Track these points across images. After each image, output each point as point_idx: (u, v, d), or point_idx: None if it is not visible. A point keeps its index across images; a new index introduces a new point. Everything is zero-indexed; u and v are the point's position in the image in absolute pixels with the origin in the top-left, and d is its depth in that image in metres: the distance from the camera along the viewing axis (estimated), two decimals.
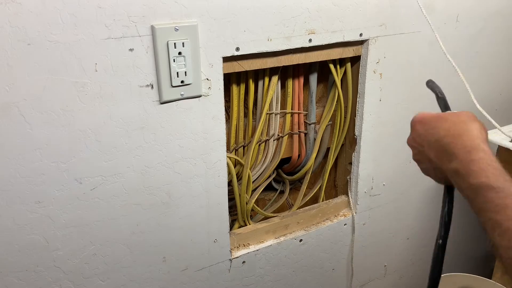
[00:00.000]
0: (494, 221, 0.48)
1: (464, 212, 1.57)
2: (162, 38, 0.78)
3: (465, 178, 0.52)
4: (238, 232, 1.08)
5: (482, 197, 0.50)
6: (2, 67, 0.68)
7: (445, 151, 0.56)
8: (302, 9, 0.91)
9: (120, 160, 0.83)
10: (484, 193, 0.50)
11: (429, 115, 0.61)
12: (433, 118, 0.60)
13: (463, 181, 0.53)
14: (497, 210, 0.48)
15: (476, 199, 0.51)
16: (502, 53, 1.33)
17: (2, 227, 0.77)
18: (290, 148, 1.14)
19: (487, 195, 0.49)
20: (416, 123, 0.62)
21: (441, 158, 0.57)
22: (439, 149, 0.57)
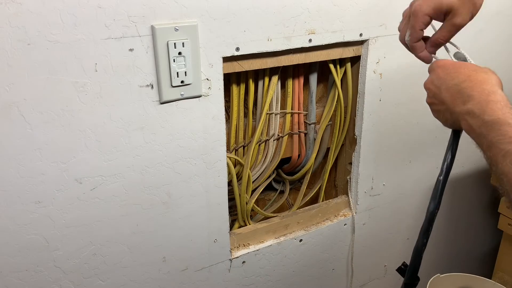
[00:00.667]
0: (507, 151, 0.51)
1: (464, 212, 1.57)
2: (162, 38, 0.78)
3: (480, 116, 0.56)
4: (238, 232, 1.08)
5: (496, 131, 0.53)
6: (2, 67, 0.68)
7: (461, 94, 0.60)
8: (302, 9, 0.91)
9: (120, 160, 0.83)
10: (498, 127, 0.53)
11: (451, 62, 0.66)
12: (455, 64, 0.65)
13: (477, 119, 0.56)
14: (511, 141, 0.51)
15: (489, 134, 0.54)
16: (502, 53, 1.32)
17: (2, 227, 0.77)
18: (290, 148, 1.14)
19: (502, 129, 0.52)
20: (438, 67, 0.66)
21: (456, 100, 0.60)
22: (456, 92, 0.61)
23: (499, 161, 0.52)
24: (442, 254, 1.55)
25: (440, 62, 0.67)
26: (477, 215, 1.58)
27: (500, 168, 0.51)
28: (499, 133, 0.53)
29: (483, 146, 0.56)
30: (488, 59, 1.30)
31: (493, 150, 0.53)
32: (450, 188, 1.43)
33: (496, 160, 0.52)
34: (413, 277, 0.77)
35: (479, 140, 0.57)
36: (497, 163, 0.52)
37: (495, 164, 0.53)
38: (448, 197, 1.45)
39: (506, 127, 0.52)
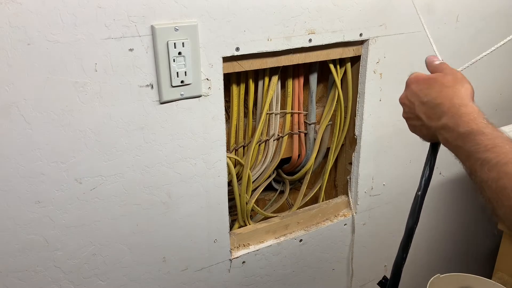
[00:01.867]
0: (483, 159, 0.52)
1: (464, 213, 1.57)
2: (162, 38, 0.78)
3: (455, 129, 0.58)
4: (238, 232, 1.08)
5: (472, 141, 0.54)
6: (2, 67, 0.68)
7: (434, 110, 0.62)
8: (302, 9, 0.91)
9: (120, 160, 0.83)
10: (473, 137, 0.54)
11: (423, 76, 0.67)
12: (426, 79, 0.66)
13: (452, 132, 0.58)
14: (487, 149, 0.52)
15: (465, 145, 0.55)
16: (502, 53, 1.32)
17: (2, 227, 0.77)
18: (290, 148, 1.14)
19: (477, 138, 0.54)
20: (411, 83, 0.67)
21: (431, 116, 0.62)
22: (429, 108, 0.62)
23: (477, 170, 0.53)
24: (442, 254, 1.55)
25: (413, 77, 0.68)
26: (477, 215, 1.58)
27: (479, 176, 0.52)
28: (475, 143, 0.54)
29: (461, 157, 0.57)
30: (487, 59, 1.30)
31: (471, 160, 0.54)
32: (450, 189, 1.43)
33: (475, 169, 0.53)
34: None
35: (456, 152, 0.58)
36: (475, 171, 0.53)
37: (474, 173, 0.54)
38: (448, 198, 1.45)
39: (480, 137, 0.54)
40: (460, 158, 0.58)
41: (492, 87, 1.37)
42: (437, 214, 1.45)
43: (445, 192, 1.43)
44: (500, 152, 0.51)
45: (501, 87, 1.39)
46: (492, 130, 0.54)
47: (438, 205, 1.43)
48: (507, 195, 0.48)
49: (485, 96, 1.36)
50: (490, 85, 1.36)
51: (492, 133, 0.54)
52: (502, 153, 0.51)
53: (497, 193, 0.50)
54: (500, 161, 0.50)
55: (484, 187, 0.52)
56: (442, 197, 1.43)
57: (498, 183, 0.49)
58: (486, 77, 1.33)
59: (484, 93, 1.35)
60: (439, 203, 1.43)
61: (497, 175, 0.50)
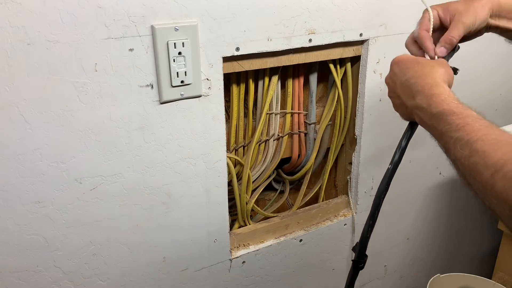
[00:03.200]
0: (456, 138, 0.53)
1: (464, 213, 1.57)
2: (162, 38, 0.78)
3: (427, 110, 0.59)
4: (238, 232, 1.08)
5: (444, 121, 0.56)
6: (2, 67, 0.68)
7: (410, 89, 0.64)
8: (302, 9, 0.91)
9: (120, 160, 0.83)
10: (445, 118, 0.56)
11: (405, 57, 0.69)
12: (407, 60, 0.68)
13: (425, 113, 0.60)
14: (458, 128, 0.54)
15: (438, 125, 0.57)
16: (502, 53, 1.33)
17: (2, 227, 0.77)
18: (290, 148, 1.14)
19: (449, 118, 0.56)
20: (394, 64, 0.69)
21: (407, 95, 0.64)
22: (406, 87, 0.64)
23: (451, 148, 0.55)
24: (442, 254, 1.55)
25: (396, 58, 0.70)
26: (477, 215, 1.58)
27: (453, 154, 0.54)
28: (447, 123, 0.56)
29: (436, 136, 0.59)
30: (487, 59, 1.30)
31: (444, 139, 0.56)
32: (450, 189, 1.43)
33: (448, 148, 0.55)
34: (361, 255, 0.85)
35: (431, 131, 0.60)
36: (449, 150, 0.55)
37: (448, 152, 0.56)
38: (448, 197, 1.45)
39: (451, 117, 0.56)
40: (435, 137, 0.60)
41: (492, 87, 1.37)
42: (437, 214, 1.45)
43: (445, 192, 1.43)
44: (471, 130, 0.53)
45: (501, 87, 1.39)
46: (463, 110, 0.56)
47: (438, 205, 1.43)
48: (478, 171, 0.50)
49: (485, 96, 1.36)
50: (490, 85, 1.36)
51: (463, 113, 0.56)
52: (472, 131, 0.52)
53: (470, 169, 0.51)
54: (471, 139, 0.52)
55: (458, 165, 0.54)
56: (442, 197, 1.43)
57: (470, 160, 0.51)
58: (486, 77, 1.33)
59: (484, 93, 1.35)
60: (439, 203, 1.43)
61: (468, 153, 0.51)
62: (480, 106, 1.44)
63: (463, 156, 0.52)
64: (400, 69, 0.67)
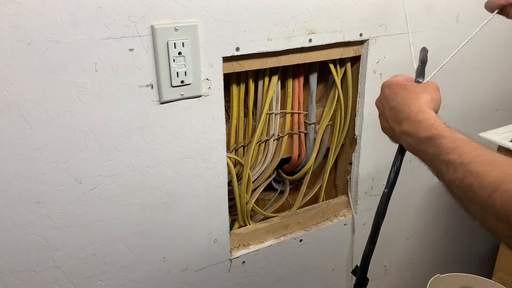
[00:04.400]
0: (447, 160, 0.54)
1: (464, 213, 1.57)
2: (162, 38, 0.78)
3: (415, 135, 0.60)
4: (238, 232, 1.08)
5: (433, 145, 0.57)
6: (2, 67, 0.68)
7: (397, 116, 0.65)
8: (302, 9, 0.91)
9: (120, 160, 0.83)
10: (435, 142, 0.57)
11: (396, 82, 0.69)
12: (397, 85, 0.69)
13: (413, 138, 0.61)
14: (449, 151, 0.54)
15: (428, 150, 0.58)
16: (502, 53, 1.33)
17: (2, 227, 0.77)
18: (290, 148, 1.14)
19: (438, 142, 0.56)
20: (385, 87, 0.70)
21: (394, 121, 0.66)
22: (393, 113, 0.66)
23: (443, 171, 0.55)
24: (442, 254, 1.55)
25: (388, 81, 0.71)
26: None
27: (447, 178, 0.54)
28: (436, 146, 0.56)
29: (426, 160, 0.59)
30: (487, 59, 1.30)
31: (436, 163, 0.56)
32: None
33: (441, 171, 0.55)
34: (362, 278, 0.85)
35: (420, 155, 0.60)
36: (442, 173, 0.55)
37: (441, 175, 0.56)
38: (448, 198, 1.44)
39: (441, 140, 0.56)
40: (425, 161, 0.60)
41: (492, 87, 1.37)
42: (437, 215, 1.45)
43: (445, 192, 1.42)
44: (462, 153, 0.53)
45: (501, 87, 1.39)
46: (452, 133, 0.57)
47: (438, 205, 1.43)
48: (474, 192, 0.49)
49: (485, 96, 1.36)
50: (490, 85, 1.36)
51: (452, 136, 0.56)
52: (463, 154, 0.53)
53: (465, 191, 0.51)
54: (463, 161, 0.52)
55: (453, 187, 0.54)
56: (442, 197, 1.43)
57: (465, 181, 0.51)
58: (486, 77, 1.33)
59: (484, 93, 1.35)
60: (439, 203, 1.43)
61: (462, 174, 0.51)
62: (480, 106, 1.44)
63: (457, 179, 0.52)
64: (390, 93, 0.68)
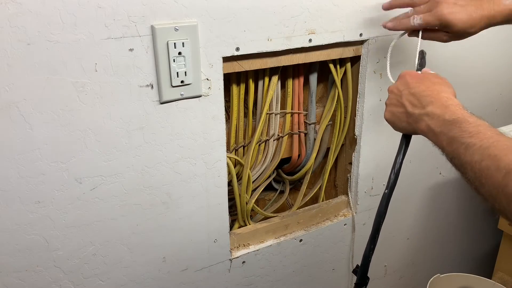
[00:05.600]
0: (467, 143, 0.58)
1: (463, 213, 1.57)
2: (162, 38, 0.78)
3: (440, 116, 0.65)
4: (238, 232, 1.08)
5: (457, 127, 0.61)
6: (2, 67, 0.68)
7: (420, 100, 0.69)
8: (302, 9, 0.91)
9: (120, 160, 0.83)
10: (459, 124, 0.61)
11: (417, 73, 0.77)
12: (420, 74, 0.76)
13: (437, 119, 0.65)
14: (471, 135, 0.58)
15: (449, 132, 0.62)
16: (502, 53, 1.33)
17: (2, 227, 0.77)
18: (290, 148, 1.14)
19: (462, 125, 0.61)
20: (406, 74, 0.76)
21: (415, 104, 0.70)
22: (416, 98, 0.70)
23: (461, 153, 0.59)
24: (442, 254, 1.55)
25: (408, 71, 0.77)
26: (477, 215, 1.58)
27: (463, 159, 0.58)
28: (460, 129, 0.60)
29: (443, 142, 0.63)
30: (487, 59, 1.30)
31: (454, 145, 0.60)
32: (450, 189, 1.43)
33: (459, 153, 0.59)
34: (363, 277, 0.87)
35: (437, 138, 0.65)
36: (459, 155, 0.59)
37: (457, 157, 0.60)
38: (448, 198, 1.45)
39: (465, 124, 0.61)
40: (441, 143, 0.64)
41: (492, 87, 1.37)
42: (437, 214, 1.45)
43: (445, 192, 1.43)
44: (483, 138, 0.57)
45: (501, 87, 1.39)
46: (476, 119, 0.61)
47: (438, 205, 1.43)
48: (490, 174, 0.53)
49: (485, 96, 1.36)
50: (490, 85, 1.36)
51: (476, 122, 0.60)
52: (484, 138, 0.57)
53: (480, 173, 0.55)
54: (483, 145, 0.56)
55: (468, 169, 0.58)
56: (442, 197, 1.43)
57: (482, 164, 0.55)
58: (486, 77, 1.33)
59: (484, 93, 1.35)
60: (439, 203, 1.43)
61: (480, 157, 0.55)
62: (480, 106, 1.44)
63: (473, 160, 0.56)
64: (413, 81, 0.73)
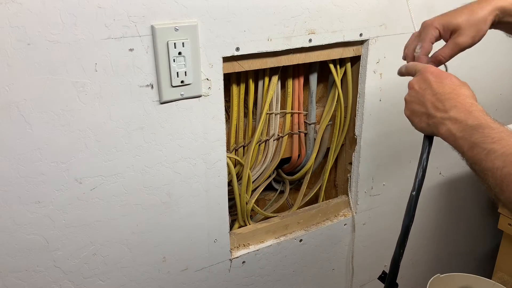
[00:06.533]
0: (490, 149, 0.57)
1: (464, 213, 1.57)
2: (162, 38, 0.78)
3: (463, 121, 0.63)
4: (238, 232, 1.08)
5: (480, 133, 0.60)
6: (2, 67, 0.68)
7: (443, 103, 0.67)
8: (302, 9, 0.91)
9: (120, 160, 0.83)
10: (481, 130, 0.60)
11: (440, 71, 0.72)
12: (443, 74, 0.71)
13: (459, 124, 0.63)
14: (494, 141, 0.58)
15: (471, 137, 0.61)
16: (502, 53, 1.33)
17: (2, 227, 0.77)
18: (290, 148, 1.14)
19: (485, 131, 0.60)
20: (428, 72, 0.72)
21: (438, 107, 0.67)
22: (439, 100, 0.67)
23: (482, 159, 0.58)
24: (442, 254, 1.55)
25: (432, 68, 0.73)
26: (477, 215, 1.58)
27: (484, 165, 0.58)
28: (482, 135, 0.59)
29: (464, 147, 0.62)
30: (487, 59, 1.30)
31: (476, 150, 0.59)
32: (450, 188, 1.43)
33: (480, 158, 0.59)
34: (392, 284, 0.84)
35: (458, 143, 0.63)
36: (480, 161, 0.59)
37: (478, 163, 0.59)
38: (448, 197, 1.45)
39: (488, 130, 0.60)
40: (462, 148, 0.62)
41: (492, 87, 1.37)
42: (437, 214, 1.45)
43: (445, 192, 1.43)
44: (506, 144, 0.56)
45: (501, 87, 1.39)
46: (499, 126, 0.60)
47: (438, 205, 1.43)
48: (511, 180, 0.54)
49: (485, 96, 1.36)
50: (490, 85, 1.36)
51: (499, 128, 0.60)
52: (507, 145, 0.56)
53: (501, 179, 0.55)
54: (506, 152, 0.56)
55: (488, 175, 0.57)
56: (442, 197, 1.43)
57: (503, 170, 0.55)
58: (486, 77, 1.33)
59: (484, 93, 1.35)
60: (439, 203, 1.43)
61: (502, 164, 0.55)
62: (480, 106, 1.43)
63: (495, 167, 0.56)
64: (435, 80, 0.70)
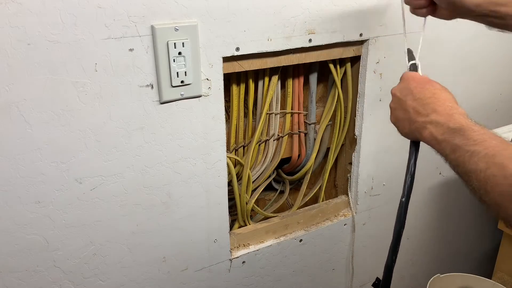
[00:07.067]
0: (472, 151, 0.57)
1: (464, 213, 1.57)
2: (162, 38, 0.78)
3: (444, 124, 0.63)
4: (238, 232, 1.08)
5: (461, 135, 0.60)
6: (2, 67, 0.68)
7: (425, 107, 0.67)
8: (302, 9, 0.91)
9: (120, 160, 0.83)
10: (463, 133, 0.60)
11: (421, 76, 0.74)
12: (423, 79, 0.72)
13: (441, 127, 0.64)
14: (476, 143, 0.58)
15: (453, 139, 0.61)
16: (502, 53, 1.33)
17: (2, 227, 0.77)
18: (290, 148, 1.14)
19: (467, 133, 0.59)
20: (410, 78, 0.73)
21: (420, 112, 0.68)
22: (420, 105, 0.68)
23: (465, 161, 0.58)
24: (442, 254, 1.55)
25: (412, 74, 0.74)
26: (477, 215, 1.58)
27: (467, 167, 0.58)
28: (464, 137, 0.59)
29: (446, 150, 0.62)
30: (487, 59, 1.30)
31: (458, 152, 0.59)
32: (450, 189, 1.43)
33: (463, 161, 0.58)
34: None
35: (441, 146, 0.63)
36: (463, 163, 0.58)
37: (461, 165, 0.59)
38: (448, 197, 1.45)
39: (470, 132, 0.59)
40: (445, 151, 0.63)
41: (492, 87, 1.37)
42: (437, 214, 1.45)
43: (445, 192, 1.43)
44: (488, 146, 0.56)
45: (501, 87, 1.39)
46: (480, 128, 0.60)
47: (438, 205, 1.43)
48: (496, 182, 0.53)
49: (485, 96, 1.36)
50: (490, 85, 1.36)
51: (480, 130, 0.60)
52: (490, 147, 0.56)
53: (485, 181, 0.54)
54: (488, 153, 0.55)
55: (472, 177, 0.57)
56: (442, 197, 1.43)
57: (487, 172, 0.54)
58: (486, 77, 1.33)
59: (484, 93, 1.35)
60: (439, 203, 1.43)
61: (485, 165, 0.55)
62: (480, 106, 1.44)
63: (478, 169, 0.55)
64: (416, 86, 0.71)
